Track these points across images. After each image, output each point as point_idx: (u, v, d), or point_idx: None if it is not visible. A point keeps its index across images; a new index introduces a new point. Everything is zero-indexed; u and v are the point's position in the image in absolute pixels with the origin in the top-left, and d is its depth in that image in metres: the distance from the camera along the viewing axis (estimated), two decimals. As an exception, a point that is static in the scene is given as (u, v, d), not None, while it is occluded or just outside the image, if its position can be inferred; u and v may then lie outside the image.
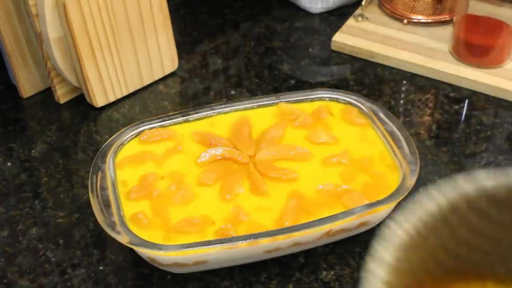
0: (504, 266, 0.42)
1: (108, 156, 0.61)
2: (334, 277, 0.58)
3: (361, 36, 0.85)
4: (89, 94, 0.75)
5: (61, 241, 0.62)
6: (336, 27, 0.88)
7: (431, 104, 0.78)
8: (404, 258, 0.37)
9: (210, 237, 0.56)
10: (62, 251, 0.61)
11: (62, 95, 0.78)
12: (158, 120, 0.66)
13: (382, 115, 0.65)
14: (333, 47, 0.86)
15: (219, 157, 0.62)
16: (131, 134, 0.64)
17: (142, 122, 0.65)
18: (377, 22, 0.88)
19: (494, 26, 0.78)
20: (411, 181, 0.58)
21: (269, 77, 0.82)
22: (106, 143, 0.63)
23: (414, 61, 0.82)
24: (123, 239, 0.54)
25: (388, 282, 0.35)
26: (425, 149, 0.71)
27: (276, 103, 0.68)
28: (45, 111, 0.77)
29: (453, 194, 0.38)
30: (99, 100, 0.76)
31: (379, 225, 0.62)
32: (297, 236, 0.55)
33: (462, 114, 0.76)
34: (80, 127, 0.75)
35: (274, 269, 0.59)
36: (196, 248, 0.53)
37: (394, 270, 0.36)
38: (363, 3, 0.89)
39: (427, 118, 0.76)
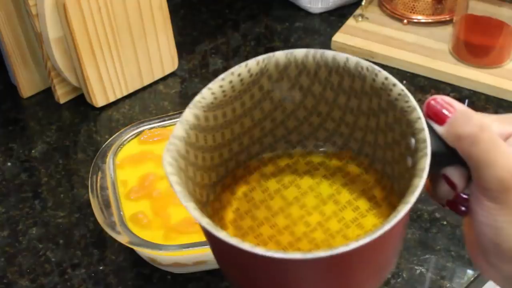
0: (314, 139, 0.44)
1: (108, 156, 0.61)
2: (334, 277, 0.58)
3: (361, 36, 0.85)
4: (89, 94, 0.75)
5: (61, 241, 0.62)
6: (336, 27, 0.88)
7: (431, 104, 0.78)
8: (208, 117, 0.39)
9: (210, 237, 0.56)
10: (62, 251, 0.61)
11: (62, 95, 0.78)
12: (158, 120, 0.66)
13: (382, 115, 0.65)
14: (333, 47, 0.86)
15: (219, 157, 0.62)
16: (131, 134, 0.64)
17: (142, 122, 0.65)
18: (377, 22, 0.88)
19: (494, 26, 0.78)
20: (411, 181, 0.58)
21: (269, 77, 0.82)
22: (106, 143, 0.63)
23: (414, 61, 0.82)
24: (123, 239, 0.54)
25: (186, 139, 0.37)
26: (425, 149, 0.71)
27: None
28: (45, 111, 0.77)
29: (267, 60, 0.40)
30: (99, 100, 0.76)
31: (379, 225, 0.62)
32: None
33: (462, 114, 0.76)
34: (80, 127, 0.75)
35: (274, 269, 0.59)
36: (196, 248, 0.53)
37: (196, 127, 0.38)
38: (363, 3, 0.89)
39: (427, 118, 0.76)
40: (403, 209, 0.33)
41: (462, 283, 0.58)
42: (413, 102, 0.37)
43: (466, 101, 0.78)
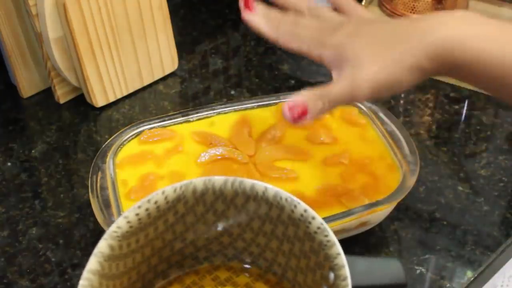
0: (222, 256, 0.44)
1: (108, 156, 0.61)
2: (334, 277, 0.58)
3: (361, 36, 0.85)
4: (89, 94, 0.75)
5: (61, 241, 0.62)
6: (336, 27, 0.88)
7: (431, 104, 0.78)
8: (122, 245, 0.38)
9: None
10: (62, 251, 0.61)
11: (62, 95, 0.78)
12: (158, 120, 0.66)
13: (382, 115, 0.65)
14: (333, 47, 0.86)
15: (219, 157, 0.62)
16: (131, 134, 0.64)
17: (142, 122, 0.65)
18: (377, 22, 0.88)
19: (494, 26, 0.78)
20: (411, 181, 0.58)
21: (269, 77, 0.82)
22: (106, 143, 0.63)
23: (414, 61, 0.81)
24: (123, 239, 0.54)
25: (100, 272, 0.36)
26: (425, 149, 0.71)
27: (276, 103, 0.68)
28: (45, 111, 0.77)
29: (184, 187, 0.39)
30: (99, 100, 0.76)
31: (379, 225, 0.62)
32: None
33: (462, 114, 0.76)
34: (80, 127, 0.75)
35: (274, 269, 0.59)
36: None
37: (110, 257, 0.37)
38: (363, 3, 0.89)
39: (427, 118, 0.76)
40: None
41: (462, 283, 0.58)
42: (332, 237, 0.37)
43: (466, 101, 0.78)
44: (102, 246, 0.37)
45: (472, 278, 0.58)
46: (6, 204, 0.66)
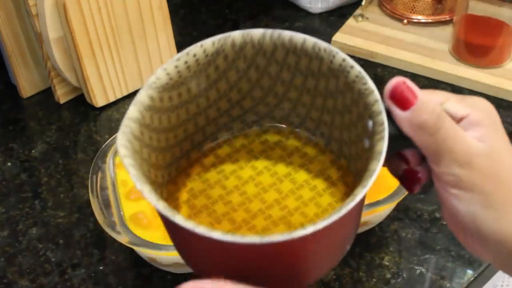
0: (270, 119, 0.44)
1: (108, 156, 0.61)
2: (334, 277, 0.58)
3: (361, 36, 0.85)
4: (89, 94, 0.75)
5: (61, 241, 0.62)
6: (336, 27, 0.88)
7: (431, 104, 0.78)
8: (162, 97, 0.38)
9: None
10: (62, 251, 0.61)
11: (62, 95, 0.78)
12: (158, 120, 0.66)
13: (382, 115, 0.65)
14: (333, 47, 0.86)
15: (219, 157, 0.62)
16: (131, 134, 0.64)
17: (142, 122, 0.65)
18: (377, 22, 0.88)
19: (494, 26, 0.78)
20: (411, 181, 0.58)
21: (269, 77, 0.82)
22: (106, 143, 0.63)
23: (414, 61, 0.81)
24: (123, 239, 0.54)
25: (140, 120, 0.37)
26: (425, 149, 0.71)
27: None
28: (45, 111, 0.77)
29: (223, 40, 0.40)
30: (99, 100, 0.76)
31: (379, 225, 0.62)
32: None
33: (462, 114, 0.76)
34: (80, 127, 0.75)
35: (274, 269, 0.59)
36: (196, 248, 0.53)
37: (151, 108, 0.37)
38: (363, 3, 0.89)
39: (427, 118, 0.76)
40: (360, 193, 0.33)
41: (462, 283, 0.58)
42: (370, 84, 0.36)
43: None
44: (141, 96, 0.37)
45: (472, 278, 0.58)
46: (6, 204, 0.66)
